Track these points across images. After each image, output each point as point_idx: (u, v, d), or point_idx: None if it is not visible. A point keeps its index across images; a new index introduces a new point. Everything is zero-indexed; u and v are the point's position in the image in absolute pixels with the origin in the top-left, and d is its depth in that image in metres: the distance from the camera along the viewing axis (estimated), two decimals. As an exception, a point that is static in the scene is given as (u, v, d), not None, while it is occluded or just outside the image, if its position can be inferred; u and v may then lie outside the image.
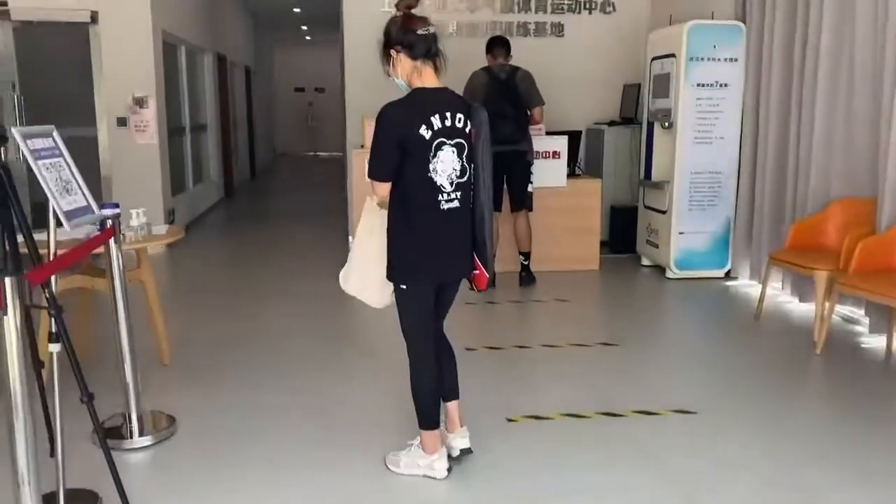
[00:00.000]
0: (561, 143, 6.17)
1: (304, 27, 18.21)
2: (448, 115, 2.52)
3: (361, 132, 6.05)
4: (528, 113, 5.59)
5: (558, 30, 7.66)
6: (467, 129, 2.60)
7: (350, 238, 6.13)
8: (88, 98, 7.22)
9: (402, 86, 2.65)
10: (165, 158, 7.59)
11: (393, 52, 2.56)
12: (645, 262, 6.59)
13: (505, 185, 5.66)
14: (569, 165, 6.32)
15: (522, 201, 5.69)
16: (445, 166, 2.53)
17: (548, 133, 6.33)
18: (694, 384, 3.89)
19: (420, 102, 2.54)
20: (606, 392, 3.72)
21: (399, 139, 2.48)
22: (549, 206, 6.03)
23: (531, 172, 5.69)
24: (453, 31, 7.44)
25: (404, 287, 2.63)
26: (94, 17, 7.03)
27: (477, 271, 2.75)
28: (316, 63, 20.43)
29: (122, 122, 7.18)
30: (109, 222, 2.89)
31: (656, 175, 6.35)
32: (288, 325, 4.82)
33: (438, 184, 2.52)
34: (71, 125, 7.44)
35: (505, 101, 5.44)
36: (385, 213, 2.65)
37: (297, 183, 14.32)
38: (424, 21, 2.56)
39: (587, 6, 7.66)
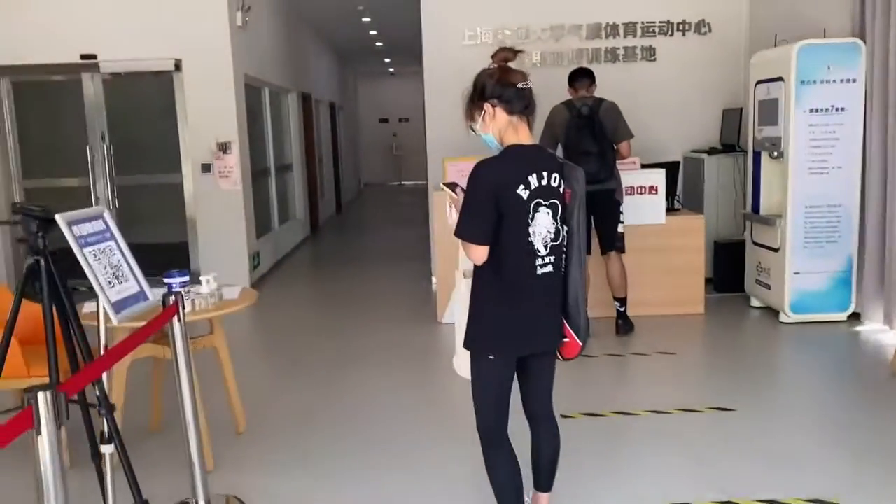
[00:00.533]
0: (658, 178, 5.72)
1: (387, 60, 18.31)
2: (545, 174, 2.36)
3: (443, 173, 5.78)
4: (615, 148, 5.17)
5: (650, 54, 7.22)
6: (561, 189, 2.42)
7: (433, 280, 5.85)
8: (175, 145, 7.26)
9: (491, 142, 2.45)
10: (249, 203, 7.54)
11: (488, 105, 2.38)
12: (755, 303, 6.02)
13: (593, 227, 5.26)
14: (667, 199, 5.85)
15: (613, 243, 5.27)
16: (541, 229, 2.36)
17: (643, 165, 5.91)
18: (832, 466, 3.34)
19: (517, 160, 2.36)
20: (728, 475, 3.24)
21: (497, 199, 2.29)
22: (648, 246, 5.58)
23: (621, 212, 5.27)
24: (537, 62, 7.11)
25: (489, 358, 2.43)
26: (178, 66, 7.08)
27: (567, 339, 2.54)
28: (399, 93, 20.59)
29: (206, 168, 7.17)
30: (172, 299, 2.67)
31: (765, 209, 5.80)
32: (372, 395, 4.42)
33: (535, 247, 2.35)
34: (158, 171, 7.55)
35: (588, 136, 5.06)
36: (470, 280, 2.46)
37: (382, 215, 14.24)
38: (523, 75, 2.40)
39: (680, 28, 7.18)
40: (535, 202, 2.32)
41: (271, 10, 9.17)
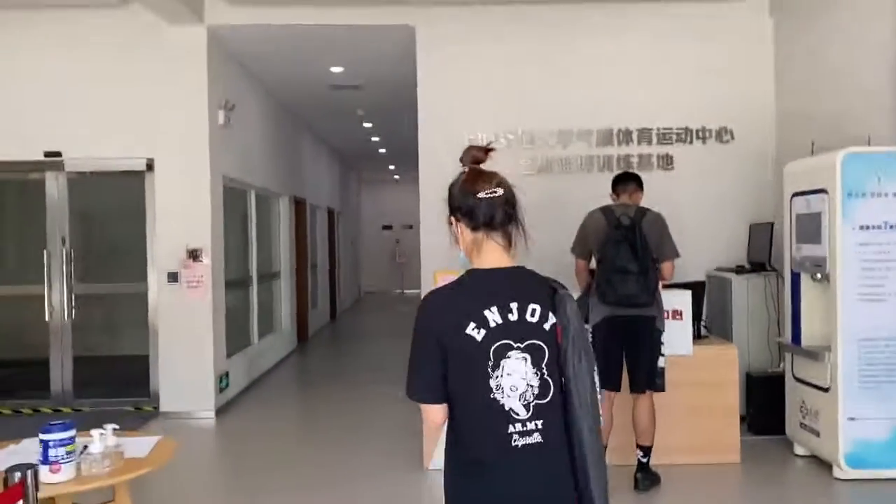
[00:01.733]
0: (683, 301, 4.93)
1: (391, 166, 18.00)
2: (514, 306, 1.82)
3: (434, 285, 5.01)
4: (657, 268, 4.41)
5: (666, 162, 6.59)
6: (546, 326, 1.84)
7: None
8: (142, 250, 6.56)
9: (465, 263, 1.95)
10: (220, 317, 6.76)
11: (453, 220, 1.95)
12: (799, 450, 5.08)
13: (624, 359, 4.43)
14: (693, 325, 5.04)
15: (651, 380, 4.41)
16: (515, 382, 1.78)
17: (664, 286, 5.12)
18: None
19: (472, 290, 1.85)
20: None
21: (439, 342, 1.80)
22: (672, 381, 4.66)
23: (662, 343, 4.45)
24: (546, 165, 6.48)
25: None
26: (150, 165, 6.48)
27: None
28: (403, 200, 20.11)
29: (173, 277, 6.44)
30: (17, 476, 1.83)
31: (808, 339, 4.97)
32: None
33: (507, 408, 1.78)
34: (122, 279, 6.82)
35: (628, 252, 4.29)
36: None
37: (378, 325, 13.37)
38: (491, 179, 1.90)
39: (700, 135, 6.58)
40: (498, 345, 1.78)
41: (261, 112, 8.70)
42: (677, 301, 4.90)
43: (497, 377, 1.78)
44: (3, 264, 7.06)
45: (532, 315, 1.82)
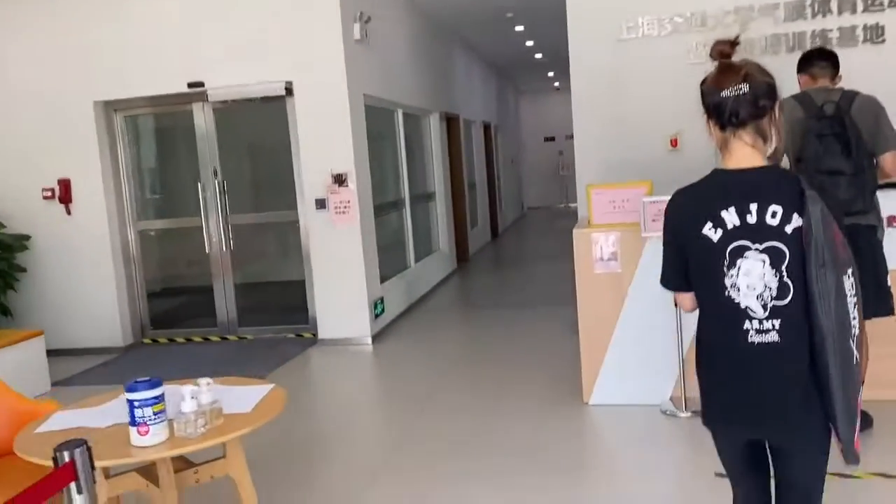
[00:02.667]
0: (901, 203, 3.96)
1: (550, 73, 17.03)
2: (754, 207, 1.80)
3: (588, 206, 4.41)
4: (876, 164, 3.53)
5: (876, 34, 5.39)
6: (788, 228, 1.78)
7: (580, 345, 4.46)
8: (290, 179, 6.44)
9: (717, 159, 1.95)
10: (371, 243, 6.55)
11: (705, 116, 1.91)
12: None
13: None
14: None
15: (878, 303, 3.54)
16: (753, 281, 1.79)
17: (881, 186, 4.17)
18: None
19: (712, 189, 1.88)
20: None
21: (678, 239, 1.92)
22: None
23: (884, 255, 3.60)
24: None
25: (710, 429, 2.01)
26: (290, 89, 6.25)
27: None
28: (565, 109, 19.04)
29: (321, 203, 6.27)
30: (67, 456, 1.56)
31: None
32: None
33: (743, 306, 1.81)
34: (272, 208, 6.78)
35: (836, 148, 3.43)
36: None
37: (541, 243, 12.81)
38: (737, 74, 1.82)
39: (921, -5, 5.30)
40: (734, 245, 1.81)
41: (402, 24, 8.23)
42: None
43: (732, 276, 1.80)
44: (163, 198, 7.25)
45: (773, 217, 1.78)
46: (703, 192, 1.89)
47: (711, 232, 1.82)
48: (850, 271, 1.76)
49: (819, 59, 3.71)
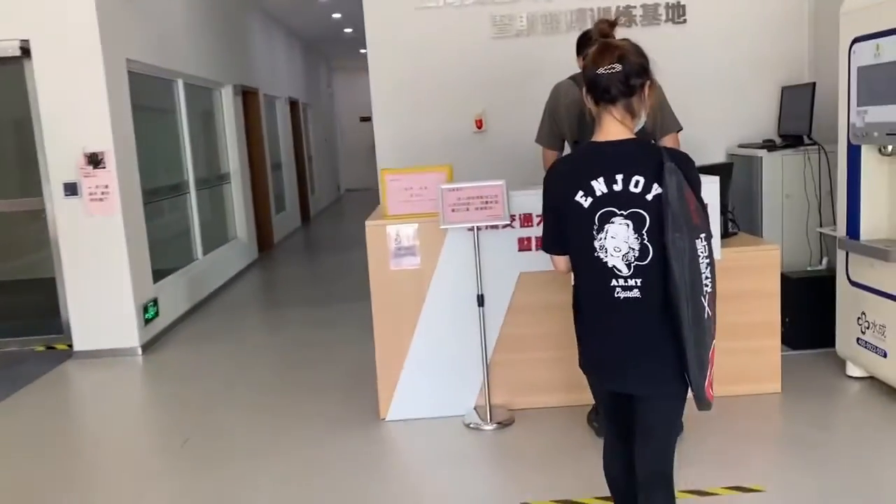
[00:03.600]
0: (710, 189, 3.73)
1: (363, 51, 16.31)
2: (619, 177, 1.97)
3: (382, 192, 3.81)
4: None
5: (678, 14, 5.26)
6: (649, 196, 1.95)
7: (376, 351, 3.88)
8: (33, 158, 5.31)
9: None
10: (139, 234, 5.58)
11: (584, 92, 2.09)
12: (854, 371, 4.04)
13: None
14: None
15: None
16: (618, 244, 1.98)
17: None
18: None
19: (584, 160, 2.10)
20: None
21: (555, 205, 2.10)
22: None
23: None
24: (523, 28, 5.14)
25: (584, 373, 2.23)
26: (27, 49, 5.11)
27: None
28: (380, 89, 18.63)
29: (71, 189, 5.21)
30: None
31: (869, 231, 3.84)
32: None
33: (610, 265, 2.00)
34: (10, 195, 5.61)
35: None
36: None
37: (355, 227, 12.15)
38: (612, 54, 1.99)
39: (720, -23, 5.22)
40: (602, 211, 1.99)
41: (184, -19, 7.19)
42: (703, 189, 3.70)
43: (601, 239, 1.99)
44: None
45: (635, 186, 1.95)
46: (577, 163, 2.13)
47: (583, 199, 1.99)
48: (703, 236, 1.93)
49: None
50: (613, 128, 2.01)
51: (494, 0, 5.19)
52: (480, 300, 3.67)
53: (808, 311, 4.45)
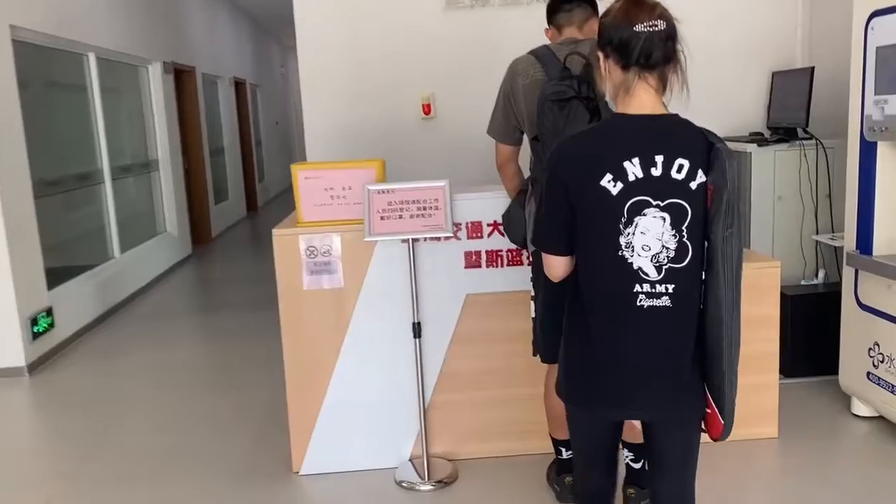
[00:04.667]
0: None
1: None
2: (659, 159, 1.62)
3: (295, 196, 3.06)
4: None
5: (657, -14, 4.56)
6: (693, 184, 1.62)
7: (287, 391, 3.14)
8: None
9: (613, 107, 1.74)
10: (27, 233, 4.76)
11: (601, 55, 1.70)
12: (860, 409, 3.42)
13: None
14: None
15: None
16: (649, 241, 1.63)
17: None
18: None
19: (612, 137, 1.68)
20: None
21: (569, 192, 1.67)
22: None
23: None
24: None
25: (570, 408, 1.86)
26: None
27: (709, 410, 1.75)
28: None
29: (-62, 179, 4.37)
30: None
31: (885, 245, 3.21)
32: None
33: (636, 267, 1.65)
34: None
35: (583, 116, 2.33)
36: None
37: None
38: (653, 9, 1.62)
39: (704, -58, 4.54)
40: (634, 201, 1.62)
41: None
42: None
43: (628, 234, 1.63)
44: None
45: (678, 171, 1.62)
46: (601, 140, 1.69)
47: (611, 185, 1.62)
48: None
49: (564, 2, 2.61)
50: (649, 99, 1.64)
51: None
52: (417, 329, 2.95)
53: (805, 334, 3.83)
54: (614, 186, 1.62)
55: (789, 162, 4.17)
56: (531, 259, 2.64)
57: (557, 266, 1.76)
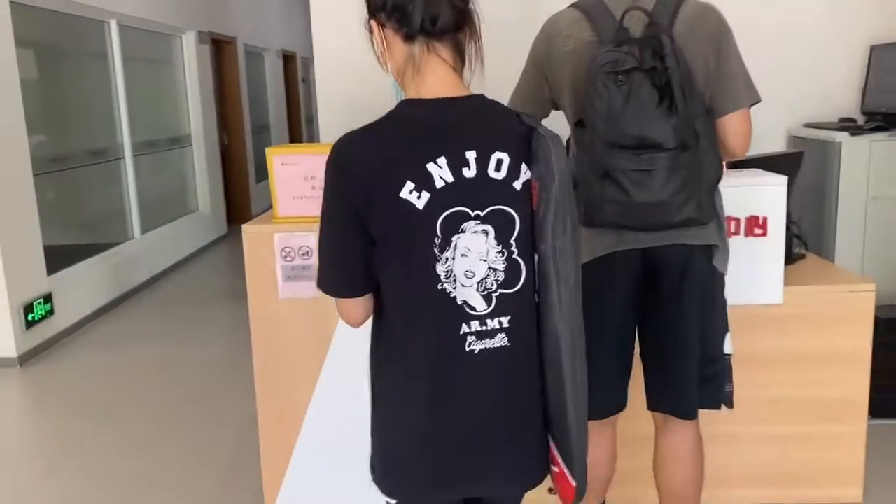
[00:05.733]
0: (770, 196, 2.40)
1: None
2: (471, 155, 1.24)
3: (271, 186, 2.55)
4: (718, 130, 1.86)
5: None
6: (518, 184, 1.27)
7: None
8: None
9: (398, 92, 1.37)
10: (26, 212, 4.42)
11: (373, 23, 1.29)
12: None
13: (642, 344, 2.00)
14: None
15: (704, 390, 1.93)
16: (473, 264, 1.25)
17: (730, 165, 2.57)
18: None
19: (408, 132, 1.25)
20: None
21: (358, 211, 1.23)
22: (741, 358, 2.24)
23: (724, 300, 1.95)
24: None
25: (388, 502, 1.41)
26: None
27: (556, 469, 1.37)
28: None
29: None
30: None
31: None
32: None
33: (460, 301, 1.25)
34: None
35: (650, 97, 1.69)
36: None
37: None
38: None
39: None
40: (448, 213, 1.23)
41: None
42: (759, 196, 2.38)
43: (447, 260, 1.24)
44: None
45: (497, 169, 1.25)
46: (393, 138, 1.24)
47: (414, 196, 1.21)
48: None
49: None
50: (446, 77, 1.26)
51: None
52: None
53: (900, 366, 3.14)
54: (419, 198, 1.22)
55: (888, 154, 3.44)
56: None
57: (353, 312, 1.34)
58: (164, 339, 4.81)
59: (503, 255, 1.27)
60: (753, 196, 2.36)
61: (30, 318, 4.37)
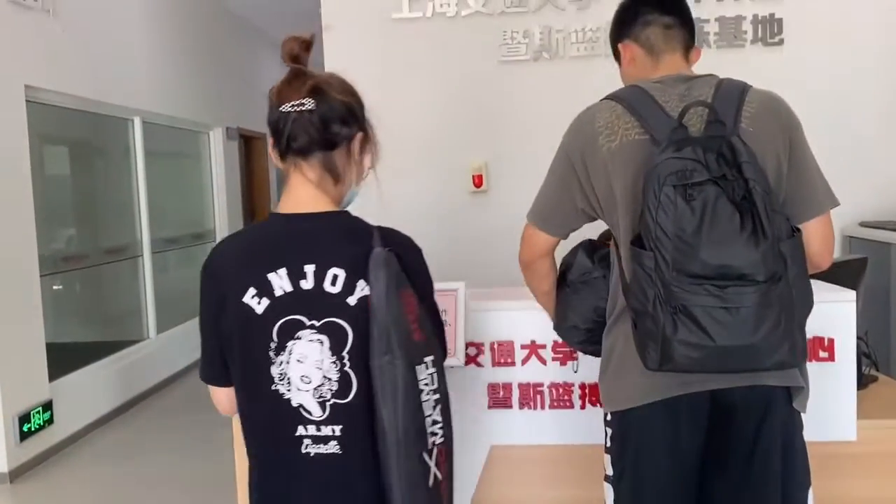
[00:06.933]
0: (836, 312, 2.06)
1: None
2: (310, 269, 1.34)
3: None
4: (800, 242, 1.49)
5: (771, 31, 3.66)
6: (351, 299, 1.34)
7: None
8: None
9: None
10: (30, 317, 4.22)
11: (271, 140, 1.44)
12: None
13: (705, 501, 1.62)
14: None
15: None
16: (308, 371, 1.32)
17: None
18: None
19: (259, 243, 1.41)
20: None
21: (216, 309, 1.38)
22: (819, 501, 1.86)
23: (804, 446, 1.61)
24: (545, 45, 3.64)
25: None
26: None
27: None
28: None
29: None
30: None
31: None
32: None
33: (295, 404, 1.34)
34: None
35: (728, 214, 1.37)
36: None
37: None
38: (303, 85, 1.36)
39: (833, -22, 3.62)
40: (285, 321, 1.34)
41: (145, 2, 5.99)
42: (822, 317, 2.03)
43: (281, 364, 1.34)
44: None
45: (333, 284, 1.34)
46: (248, 246, 1.42)
47: (255, 301, 1.34)
48: (429, 360, 1.32)
49: (652, 8, 1.67)
50: (305, 194, 1.37)
51: (504, 7, 3.69)
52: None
53: None
54: (259, 303, 1.34)
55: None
56: (602, 405, 1.70)
57: (220, 399, 1.47)
58: (176, 449, 4.47)
59: (336, 367, 1.33)
60: (817, 314, 2.01)
61: (25, 428, 4.11)
